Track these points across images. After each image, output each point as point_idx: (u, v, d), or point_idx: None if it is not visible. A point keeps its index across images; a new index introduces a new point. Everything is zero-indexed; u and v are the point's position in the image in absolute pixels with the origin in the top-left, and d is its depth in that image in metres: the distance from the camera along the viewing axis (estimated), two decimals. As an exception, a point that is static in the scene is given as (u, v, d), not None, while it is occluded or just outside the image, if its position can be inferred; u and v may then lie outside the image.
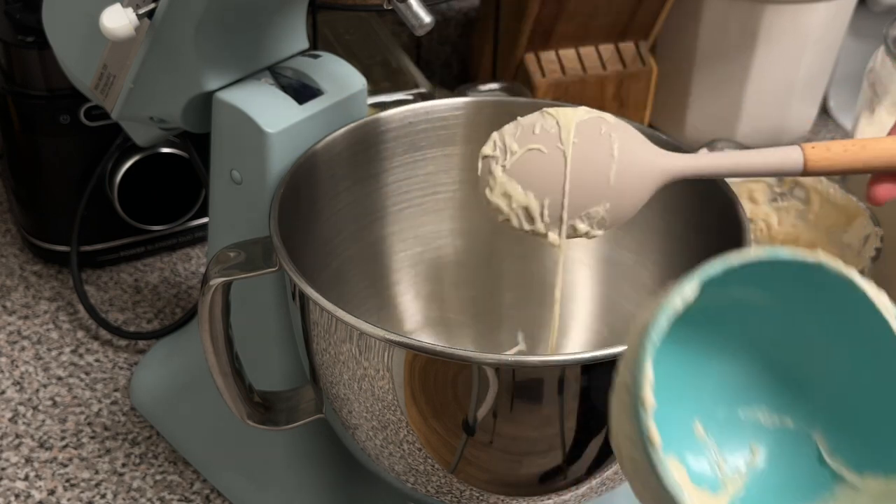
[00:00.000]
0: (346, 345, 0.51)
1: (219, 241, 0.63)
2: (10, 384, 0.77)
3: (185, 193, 0.85)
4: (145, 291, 0.86)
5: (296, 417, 0.60)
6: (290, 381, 0.63)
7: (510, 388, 0.49)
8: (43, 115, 0.80)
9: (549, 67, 0.97)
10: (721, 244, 0.57)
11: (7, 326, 0.82)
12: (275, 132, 0.58)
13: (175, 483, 0.70)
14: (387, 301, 0.67)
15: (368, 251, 0.66)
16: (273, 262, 0.54)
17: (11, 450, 0.72)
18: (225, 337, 0.56)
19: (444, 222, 0.68)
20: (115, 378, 0.78)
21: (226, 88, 0.60)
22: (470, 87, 0.89)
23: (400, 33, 1.08)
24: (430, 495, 0.55)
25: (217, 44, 0.58)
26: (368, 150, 0.63)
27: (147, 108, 0.63)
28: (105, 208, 0.83)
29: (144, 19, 0.57)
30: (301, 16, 0.63)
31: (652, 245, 0.64)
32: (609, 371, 0.50)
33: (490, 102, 0.66)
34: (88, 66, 0.63)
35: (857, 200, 0.77)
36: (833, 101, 1.13)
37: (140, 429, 0.74)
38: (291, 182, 0.57)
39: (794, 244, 0.81)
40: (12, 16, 0.81)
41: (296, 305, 0.54)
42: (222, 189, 0.62)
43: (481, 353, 0.49)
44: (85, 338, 0.81)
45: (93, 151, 0.82)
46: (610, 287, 0.67)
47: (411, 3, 0.55)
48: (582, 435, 0.52)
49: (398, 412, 0.51)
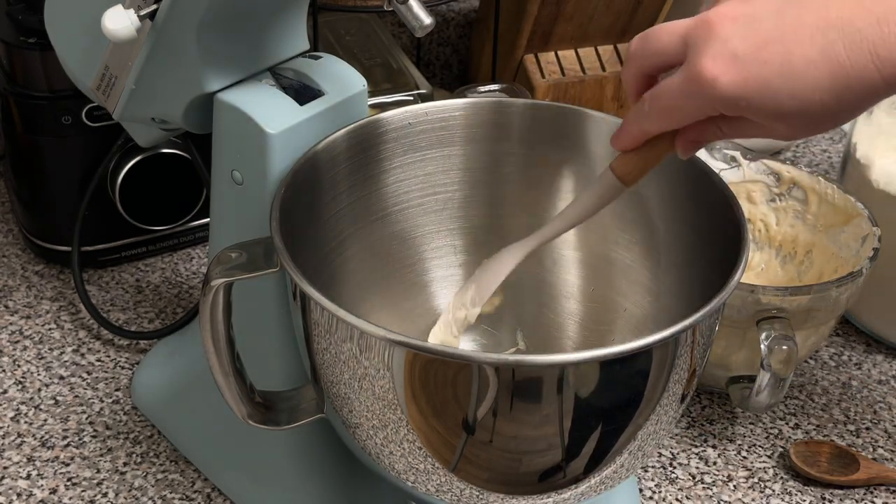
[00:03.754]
0: (347, 344, 0.51)
1: (220, 241, 0.63)
2: (13, 383, 0.77)
3: (186, 194, 0.85)
4: (147, 291, 0.86)
5: (297, 417, 0.60)
6: (291, 380, 0.63)
7: (510, 388, 0.49)
8: (45, 115, 0.80)
9: (548, 68, 0.97)
10: (720, 244, 0.57)
11: (9, 326, 0.82)
12: (276, 133, 0.58)
13: (176, 482, 0.70)
14: (387, 301, 0.67)
15: (369, 251, 0.66)
16: (274, 262, 0.55)
17: (13, 449, 0.72)
18: (226, 337, 0.56)
19: (443, 222, 0.68)
20: (117, 377, 0.78)
21: (227, 89, 0.60)
22: (469, 88, 0.89)
23: (400, 34, 1.09)
24: (431, 494, 0.55)
25: (218, 45, 0.59)
26: (369, 151, 0.63)
27: (148, 108, 0.64)
28: (107, 208, 0.83)
29: (146, 20, 0.57)
30: (302, 17, 0.63)
31: (651, 245, 0.65)
32: (608, 371, 0.50)
33: (489, 103, 0.66)
34: (90, 67, 0.63)
35: (855, 201, 0.77)
36: (832, 101, 1.13)
37: (141, 428, 0.74)
38: (292, 182, 0.58)
39: (792, 244, 0.82)
40: (14, 17, 0.81)
41: (297, 305, 0.54)
42: (223, 189, 0.62)
43: (481, 353, 0.49)
44: (86, 337, 0.82)
45: (94, 152, 0.82)
46: (609, 287, 0.67)
47: (412, 5, 0.56)
48: (581, 434, 0.52)
49: (398, 411, 0.52)
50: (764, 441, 0.75)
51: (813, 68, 0.46)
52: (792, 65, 0.46)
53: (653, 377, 0.51)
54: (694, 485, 0.72)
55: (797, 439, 0.76)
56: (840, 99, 0.46)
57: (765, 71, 0.46)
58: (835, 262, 0.77)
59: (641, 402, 0.52)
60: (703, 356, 0.55)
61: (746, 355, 0.72)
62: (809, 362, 0.83)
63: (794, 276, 0.81)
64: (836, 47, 0.46)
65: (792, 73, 0.46)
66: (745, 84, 0.46)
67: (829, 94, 0.46)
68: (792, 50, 0.46)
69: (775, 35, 0.46)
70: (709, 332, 0.54)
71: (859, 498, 0.72)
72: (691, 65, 0.48)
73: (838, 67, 0.46)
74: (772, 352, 0.67)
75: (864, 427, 0.77)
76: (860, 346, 0.85)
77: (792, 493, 0.72)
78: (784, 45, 0.46)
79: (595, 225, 0.66)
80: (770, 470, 0.73)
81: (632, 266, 0.66)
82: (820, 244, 0.80)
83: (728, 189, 0.58)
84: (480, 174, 0.67)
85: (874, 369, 0.82)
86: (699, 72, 0.47)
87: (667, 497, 0.71)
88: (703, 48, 0.47)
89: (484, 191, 0.68)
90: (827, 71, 0.46)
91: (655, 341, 0.49)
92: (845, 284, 0.70)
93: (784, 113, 0.47)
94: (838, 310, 0.72)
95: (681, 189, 0.62)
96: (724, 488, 0.72)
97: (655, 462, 0.74)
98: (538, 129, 0.66)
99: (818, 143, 1.11)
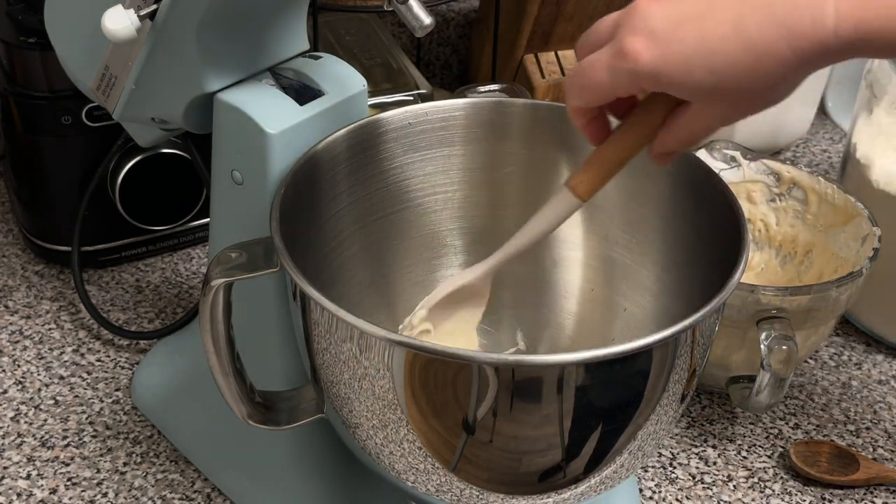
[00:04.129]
0: (347, 344, 0.51)
1: (220, 241, 0.63)
2: (13, 383, 0.77)
3: (186, 194, 0.85)
4: (147, 291, 0.86)
5: (297, 417, 0.60)
6: (291, 380, 0.63)
7: (510, 388, 0.49)
8: (45, 115, 0.80)
9: (548, 68, 0.97)
10: (720, 244, 0.57)
11: (9, 326, 0.82)
12: (276, 133, 0.58)
13: (176, 482, 0.70)
14: (387, 301, 0.67)
15: (369, 251, 0.66)
16: (274, 262, 0.55)
17: (13, 449, 0.72)
18: (226, 337, 0.56)
19: (443, 222, 0.68)
20: (117, 377, 0.78)
21: (227, 89, 0.60)
22: (469, 89, 0.89)
23: (400, 34, 1.09)
24: (431, 494, 0.55)
25: (218, 45, 0.59)
26: (369, 151, 0.63)
27: (148, 108, 0.64)
28: (107, 208, 0.83)
29: (146, 21, 0.57)
30: (302, 17, 0.63)
31: (651, 245, 0.65)
32: (608, 371, 0.50)
33: (489, 103, 0.66)
34: (90, 67, 0.63)
35: (854, 201, 0.77)
36: (831, 101, 1.13)
37: (141, 428, 0.74)
38: (292, 182, 0.58)
39: (792, 244, 0.82)
40: (14, 17, 0.81)
41: (297, 305, 0.54)
42: (223, 189, 0.62)
43: (481, 353, 0.49)
44: (86, 337, 0.82)
45: (94, 152, 0.82)
46: (609, 287, 0.67)
47: (412, 5, 0.56)
48: (581, 434, 0.52)
49: (398, 411, 0.52)
50: (764, 441, 0.76)
51: (726, 43, 0.48)
52: (707, 40, 0.48)
53: (653, 377, 0.51)
54: (694, 485, 0.72)
55: (797, 439, 0.76)
56: (754, 74, 0.48)
57: (681, 47, 0.48)
58: (835, 262, 0.77)
59: (641, 402, 0.52)
60: (703, 356, 0.55)
61: (746, 355, 0.72)
62: (809, 362, 0.83)
63: (794, 276, 0.81)
64: (747, 21, 0.47)
65: (707, 48, 0.48)
66: (664, 59, 0.48)
67: (744, 69, 0.48)
68: (707, 26, 0.48)
69: (693, 13, 0.48)
70: (709, 332, 0.54)
71: (859, 498, 0.72)
72: (616, 41, 0.50)
73: (749, 42, 0.47)
74: (772, 352, 0.67)
75: (864, 427, 0.77)
76: (860, 346, 0.85)
77: (792, 493, 0.72)
78: (700, 22, 0.48)
79: (595, 225, 0.66)
80: (770, 470, 0.73)
81: (632, 266, 0.66)
82: (820, 244, 0.80)
83: (728, 189, 0.58)
84: (480, 174, 0.67)
85: (874, 369, 0.82)
86: (621, 48, 0.49)
87: (667, 497, 0.71)
88: (628, 27, 0.49)
89: (484, 191, 0.68)
90: (740, 46, 0.47)
91: (655, 341, 0.49)
92: (845, 284, 0.70)
93: (703, 89, 0.49)
94: (838, 310, 0.72)
95: (681, 189, 0.62)
96: (724, 488, 0.72)
97: (655, 462, 0.74)
98: (538, 129, 0.66)
99: (818, 143, 1.11)
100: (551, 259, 0.69)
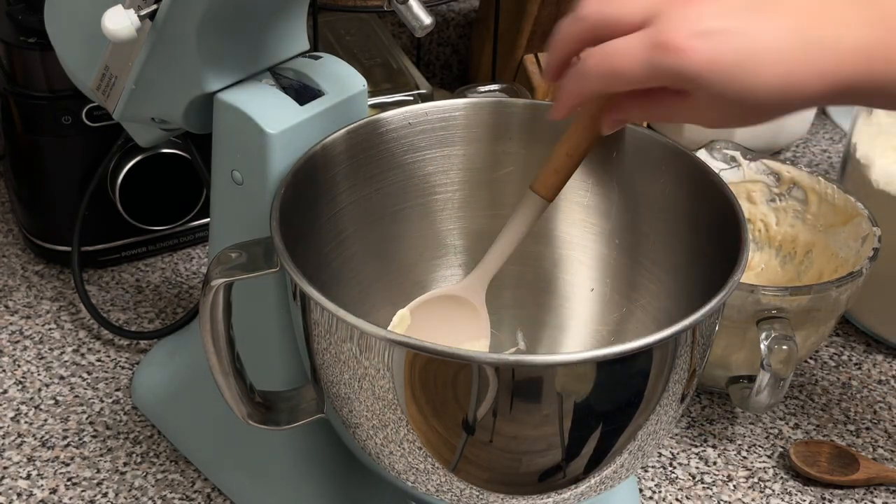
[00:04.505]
0: (347, 344, 0.51)
1: (220, 241, 0.63)
2: (13, 383, 0.77)
3: (186, 194, 0.85)
4: (147, 291, 0.87)
5: (297, 417, 0.60)
6: (291, 380, 0.63)
7: (510, 388, 0.49)
8: (45, 115, 0.80)
9: (548, 68, 0.97)
10: (720, 244, 0.57)
11: (9, 326, 0.82)
12: (276, 133, 0.58)
13: (176, 482, 0.70)
14: (387, 301, 0.67)
15: (369, 251, 0.66)
16: (274, 262, 0.55)
17: (13, 449, 0.72)
18: (226, 337, 0.56)
19: (443, 222, 0.68)
20: (117, 377, 0.78)
21: (227, 89, 0.60)
22: (469, 89, 0.89)
23: (400, 34, 1.09)
24: (430, 494, 0.55)
25: (218, 45, 0.59)
26: (369, 151, 0.63)
27: (148, 108, 0.64)
28: (107, 208, 0.83)
29: (146, 20, 0.57)
30: (301, 17, 0.63)
31: (651, 245, 0.65)
32: (608, 371, 0.50)
33: (489, 103, 0.66)
34: (90, 67, 0.63)
35: (855, 201, 0.77)
36: (831, 101, 1.13)
37: (141, 428, 0.74)
38: (292, 182, 0.58)
39: (792, 244, 0.82)
40: (14, 17, 0.81)
41: (297, 305, 0.54)
42: (223, 189, 0.62)
43: (481, 353, 0.49)
44: (87, 337, 0.82)
45: (94, 152, 0.82)
46: (609, 286, 0.67)
47: (412, 5, 0.56)
48: (581, 434, 0.52)
49: (398, 411, 0.52)
50: (764, 441, 0.76)
51: (769, 67, 0.47)
52: (755, 59, 0.47)
53: (653, 377, 0.51)
54: (694, 485, 0.72)
55: (797, 439, 0.76)
56: (783, 100, 0.48)
57: (730, 57, 0.47)
58: (835, 262, 0.78)
59: (641, 402, 0.52)
60: (703, 356, 0.55)
61: (746, 355, 0.72)
62: (809, 362, 0.83)
63: (794, 276, 0.81)
64: (794, 53, 0.47)
65: (752, 66, 0.47)
66: (709, 62, 0.47)
67: (774, 93, 0.47)
68: (759, 43, 0.47)
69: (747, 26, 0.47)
70: (709, 332, 0.54)
71: (859, 498, 0.72)
72: (660, 32, 0.47)
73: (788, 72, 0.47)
74: (772, 352, 0.67)
75: (864, 427, 0.77)
76: (860, 346, 0.85)
77: (792, 493, 0.72)
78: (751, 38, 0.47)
79: (595, 225, 0.66)
80: (770, 470, 0.73)
81: (632, 266, 0.66)
82: (820, 244, 0.80)
83: (728, 189, 0.58)
84: (480, 174, 0.67)
85: (874, 369, 0.82)
86: (667, 40, 0.47)
87: (667, 497, 0.71)
88: (677, 19, 0.47)
89: (484, 191, 0.68)
90: (782, 71, 0.47)
91: (655, 341, 0.49)
92: (845, 284, 0.70)
93: (725, 100, 0.48)
94: (838, 310, 0.72)
95: (681, 189, 0.62)
96: (724, 488, 0.72)
97: (655, 462, 0.74)
98: (538, 129, 0.66)
99: (818, 143, 1.11)
100: (551, 259, 0.69)
